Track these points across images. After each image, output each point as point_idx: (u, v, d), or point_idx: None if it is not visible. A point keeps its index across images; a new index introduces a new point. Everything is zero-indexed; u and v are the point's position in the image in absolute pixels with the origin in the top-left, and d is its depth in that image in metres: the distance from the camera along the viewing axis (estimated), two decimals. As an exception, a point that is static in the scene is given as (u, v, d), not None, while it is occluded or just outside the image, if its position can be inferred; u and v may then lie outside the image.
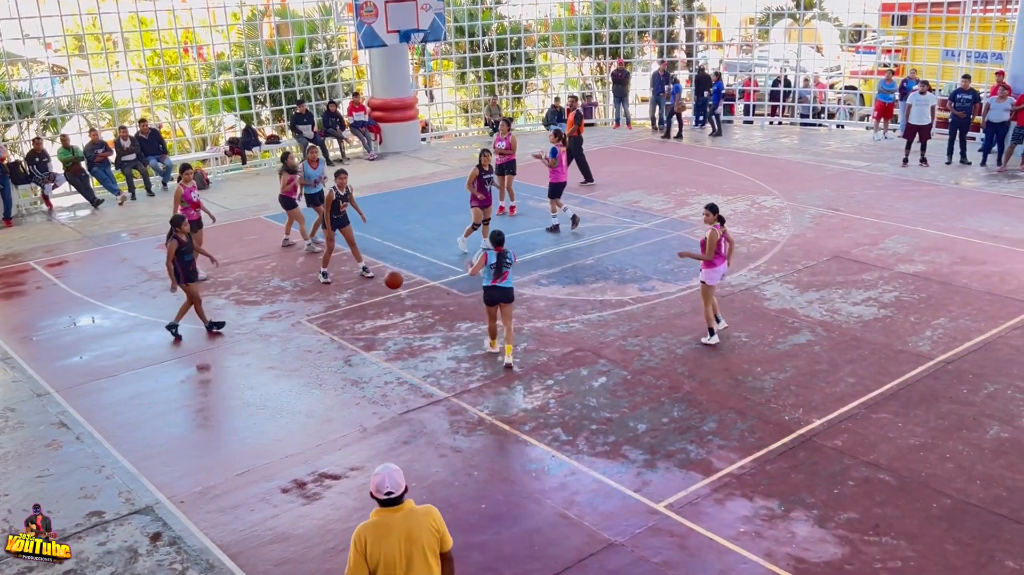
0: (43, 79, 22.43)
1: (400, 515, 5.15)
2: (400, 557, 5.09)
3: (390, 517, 5.15)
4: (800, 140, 22.65)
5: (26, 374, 10.83)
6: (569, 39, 26.11)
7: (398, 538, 5.10)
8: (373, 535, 5.12)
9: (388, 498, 5.15)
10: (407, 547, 5.10)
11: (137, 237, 16.33)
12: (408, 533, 5.13)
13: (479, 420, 9.40)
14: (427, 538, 5.18)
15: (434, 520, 5.26)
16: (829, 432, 8.95)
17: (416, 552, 5.13)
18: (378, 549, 5.08)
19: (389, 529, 5.11)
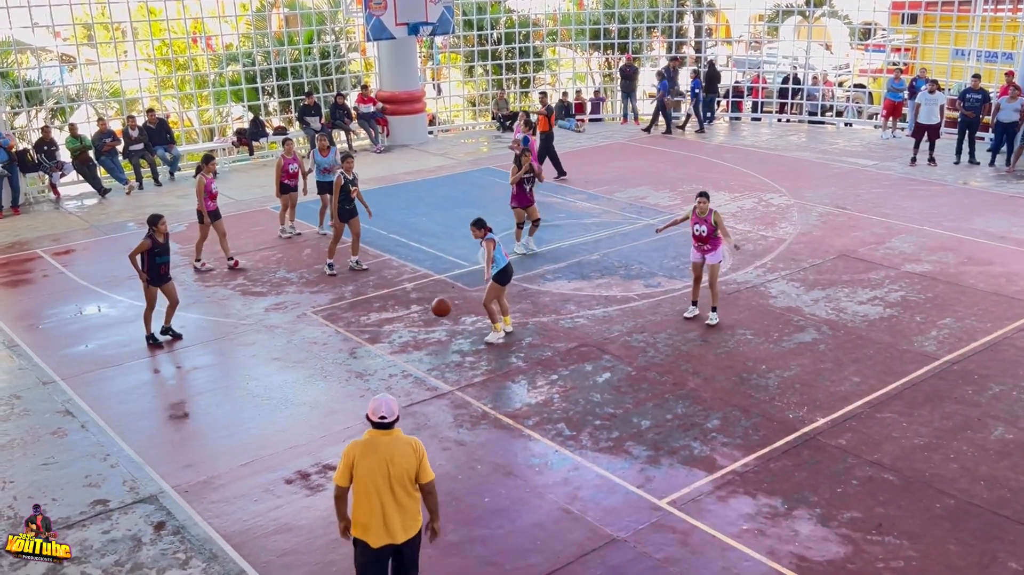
0: (52, 68, 22.45)
1: (388, 439, 5.91)
2: (380, 474, 5.83)
3: (379, 438, 5.91)
4: (808, 138, 22.60)
5: (32, 362, 10.86)
6: (577, 34, 26.06)
7: (381, 457, 5.84)
8: (361, 451, 5.88)
9: (381, 422, 5.89)
10: (388, 467, 5.84)
11: (144, 226, 16.30)
12: (392, 455, 5.86)
13: (483, 414, 9.41)
14: (408, 463, 5.89)
15: (416, 450, 5.96)
16: (833, 431, 8.94)
17: (395, 472, 5.85)
18: (363, 463, 5.84)
19: (376, 448, 5.87)
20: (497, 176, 19.03)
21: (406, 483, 5.90)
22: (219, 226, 13.89)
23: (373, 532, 5.96)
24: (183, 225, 16.28)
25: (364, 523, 5.98)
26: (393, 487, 5.87)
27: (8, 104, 19.34)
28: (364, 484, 5.88)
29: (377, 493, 5.87)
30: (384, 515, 5.91)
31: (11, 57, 19.88)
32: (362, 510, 5.95)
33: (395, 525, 5.95)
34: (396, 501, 5.91)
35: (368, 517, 5.94)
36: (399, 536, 5.98)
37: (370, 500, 5.89)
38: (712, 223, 11.17)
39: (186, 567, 7.17)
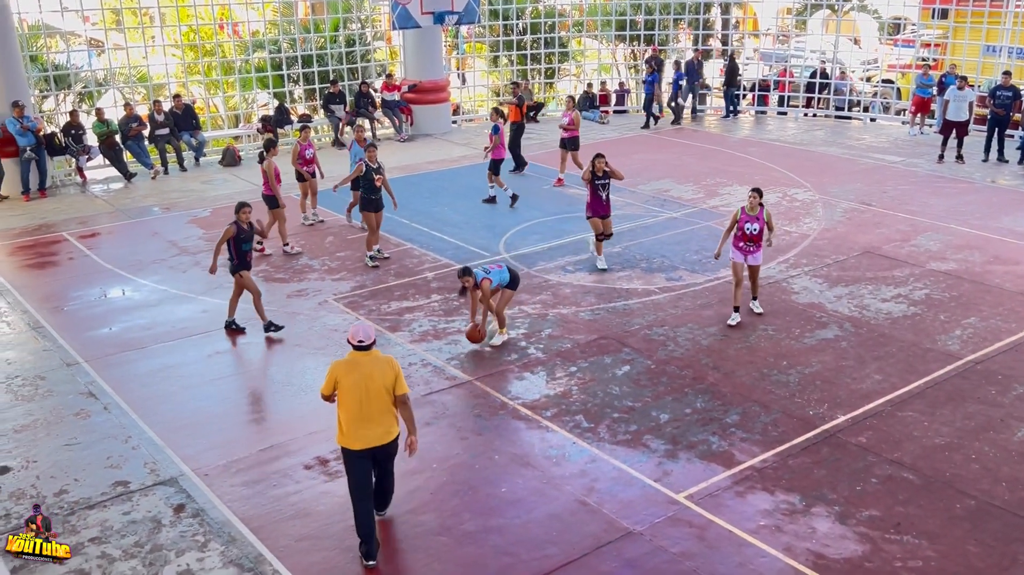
0: (80, 52, 22.62)
1: (367, 358, 6.90)
2: (360, 388, 6.80)
3: (359, 358, 6.90)
4: (834, 133, 22.40)
5: (57, 343, 10.98)
6: (603, 25, 25.95)
7: (361, 373, 6.82)
8: (344, 368, 6.88)
9: (360, 345, 6.88)
10: (367, 382, 6.81)
11: (168, 211, 16.47)
12: (370, 371, 6.84)
13: (501, 404, 9.42)
14: (385, 378, 6.86)
15: (392, 367, 6.97)
16: (854, 429, 8.89)
17: (373, 387, 6.82)
18: (345, 378, 6.83)
19: (357, 366, 6.86)
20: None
21: (383, 395, 6.87)
22: (281, 212, 13.96)
23: (357, 438, 6.88)
24: (207, 210, 16.37)
25: (349, 431, 6.89)
26: (372, 399, 6.82)
27: (37, 88, 19.51)
28: (348, 397, 6.82)
29: (359, 404, 6.80)
30: (365, 423, 6.84)
31: (40, 41, 20.05)
32: (347, 420, 6.86)
33: (374, 432, 6.89)
34: (375, 411, 6.86)
35: (352, 425, 6.85)
36: (378, 441, 6.92)
37: (353, 411, 6.82)
38: (765, 220, 11.07)
39: (204, 550, 7.24)
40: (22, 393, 9.80)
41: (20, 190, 17.33)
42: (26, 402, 9.60)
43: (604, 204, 12.88)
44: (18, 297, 12.42)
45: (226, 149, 20.10)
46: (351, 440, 6.91)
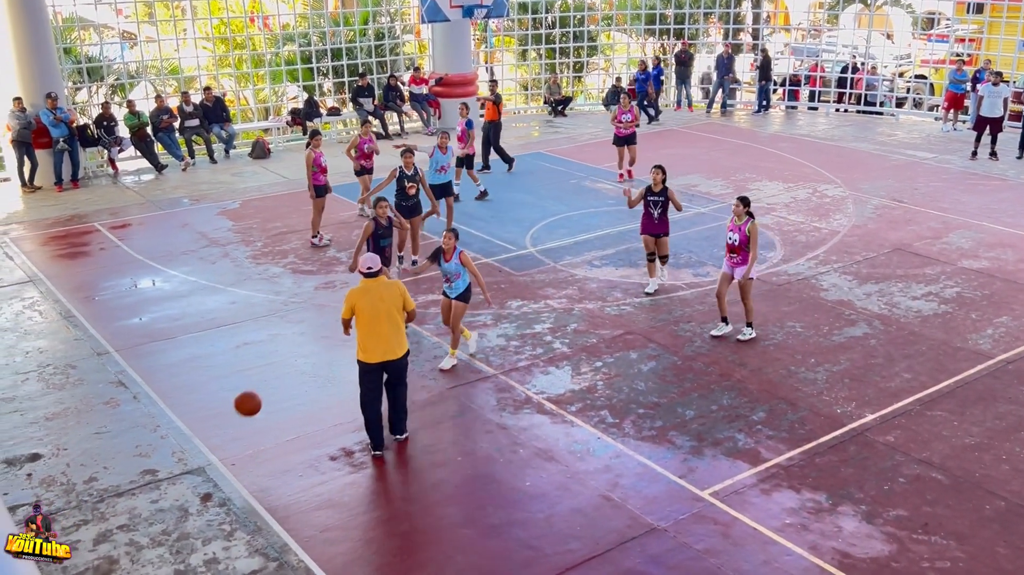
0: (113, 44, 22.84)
1: (376, 283, 8.18)
2: (374, 308, 8.08)
3: (370, 284, 8.18)
4: (866, 129, 22.16)
5: (87, 333, 11.11)
6: (633, 18, 25.82)
7: (374, 296, 8.11)
8: (359, 293, 8.16)
9: (369, 272, 8.18)
10: (379, 303, 8.09)
11: (198, 203, 16.60)
12: (381, 293, 8.13)
13: (526, 398, 9.42)
14: (394, 300, 8.18)
15: (399, 289, 8.26)
16: (882, 427, 8.80)
17: (383, 308, 8.10)
18: (360, 301, 8.11)
19: (369, 290, 8.15)
20: (548, 161, 19.00)
21: (393, 313, 8.13)
22: (320, 202, 13.93)
23: (373, 353, 8.14)
24: (237, 202, 16.49)
25: (366, 346, 8.16)
26: (383, 318, 8.09)
27: (70, 80, 19.73)
28: (365, 317, 8.09)
29: (374, 322, 8.08)
30: (379, 339, 8.12)
31: (74, 33, 20.26)
32: (364, 336, 8.15)
33: (387, 346, 8.15)
34: (387, 328, 8.11)
35: (369, 341, 8.13)
36: (391, 355, 8.18)
37: (370, 328, 8.10)
38: (746, 234, 10.34)
39: (231, 539, 7.30)
40: (53, 381, 9.93)
41: (53, 181, 17.54)
42: (57, 390, 9.73)
43: (656, 222, 11.82)
44: (50, 286, 12.58)
45: (256, 142, 20.23)
46: (368, 355, 8.16)
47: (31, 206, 16.65)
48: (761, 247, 13.59)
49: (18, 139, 17.07)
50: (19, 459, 8.43)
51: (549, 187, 16.49)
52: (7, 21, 16.89)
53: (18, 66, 17.16)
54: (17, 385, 9.84)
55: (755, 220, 10.51)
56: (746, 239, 10.36)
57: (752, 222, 10.40)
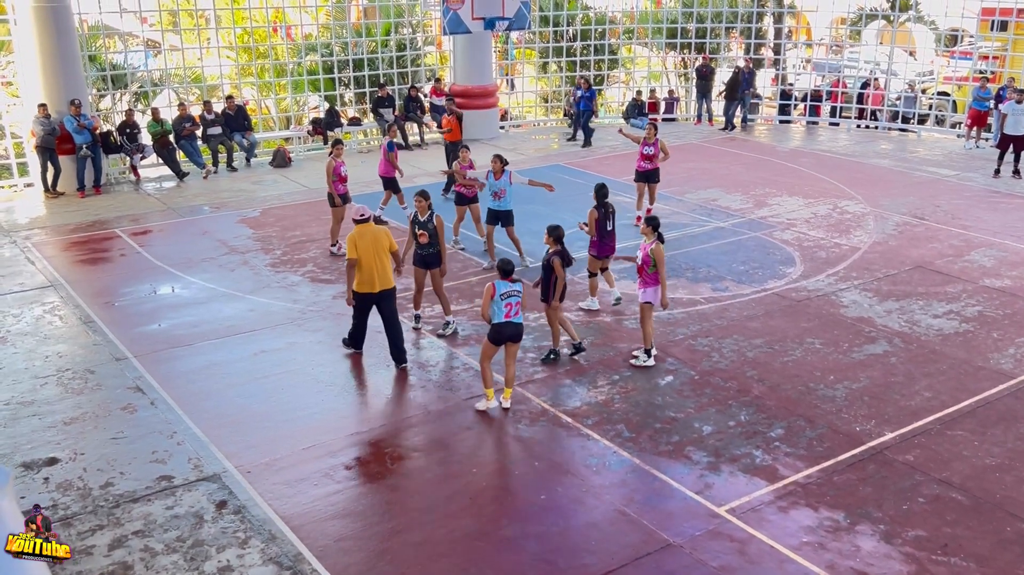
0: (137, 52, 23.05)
1: (370, 228, 9.94)
2: (372, 248, 9.86)
3: (365, 229, 9.91)
4: (887, 145, 22.05)
5: (107, 338, 11.17)
6: (654, 32, 25.84)
7: (370, 238, 9.86)
8: (358, 237, 9.83)
9: (362, 218, 9.93)
10: (375, 244, 9.87)
11: (219, 210, 16.69)
12: (375, 236, 9.91)
13: (542, 411, 9.39)
14: (384, 241, 9.98)
15: (387, 234, 10.09)
16: (901, 446, 8.71)
17: (379, 247, 9.92)
18: (361, 242, 9.82)
19: (365, 234, 9.87)
20: (567, 173, 18.99)
21: (384, 254, 9.97)
22: (339, 211, 13.95)
23: (373, 283, 9.94)
24: (257, 211, 16.57)
25: (369, 280, 9.92)
26: (378, 255, 9.88)
27: (94, 87, 19.90)
28: (366, 256, 9.83)
29: (372, 260, 9.84)
30: (376, 273, 9.91)
31: (99, 41, 20.45)
32: (367, 271, 9.89)
33: (384, 278, 10.00)
34: (381, 265, 9.93)
35: (368, 275, 9.89)
36: (387, 284, 10.05)
37: (369, 265, 9.85)
38: (649, 255, 10.00)
39: (245, 546, 7.30)
40: (72, 386, 9.98)
41: (76, 187, 17.68)
42: (75, 395, 9.78)
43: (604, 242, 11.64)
44: (71, 291, 12.66)
45: (277, 150, 20.33)
46: (370, 286, 9.95)
47: (53, 211, 16.79)
48: (781, 262, 13.56)
49: (42, 145, 17.22)
50: (36, 463, 8.47)
51: (568, 199, 16.46)
52: (34, 29, 17.09)
53: (43, 73, 17.34)
54: (36, 389, 9.90)
55: (662, 244, 10.11)
56: (648, 260, 10.07)
57: (657, 245, 10.04)
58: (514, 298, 9.08)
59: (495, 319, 9.09)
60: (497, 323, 9.08)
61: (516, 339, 9.22)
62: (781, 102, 24.75)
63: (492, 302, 9.05)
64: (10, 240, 15.03)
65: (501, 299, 9.02)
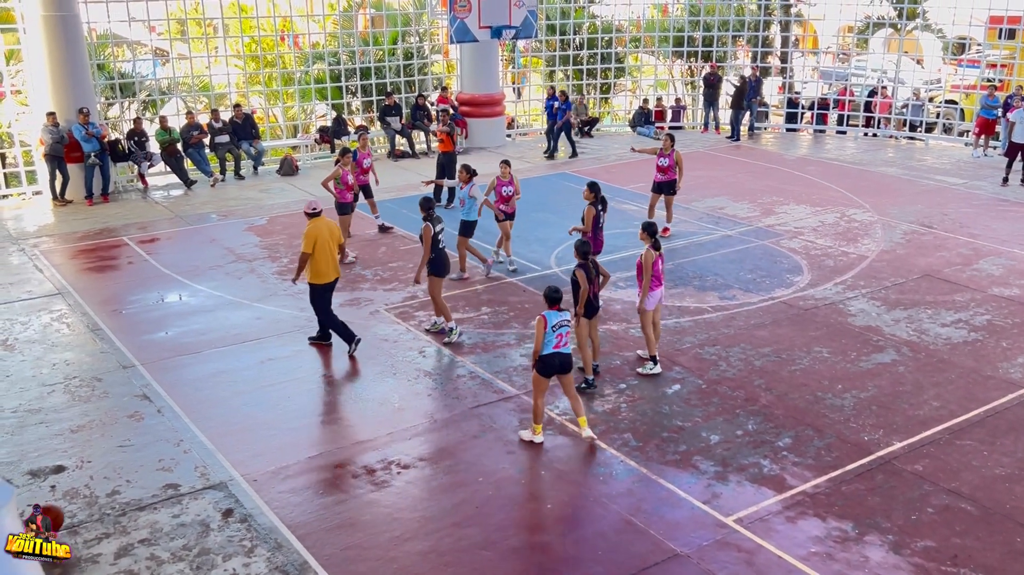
0: (145, 61, 23.13)
1: (323, 220, 10.64)
2: (328, 240, 10.56)
3: (319, 221, 10.57)
4: (895, 153, 22.01)
5: (114, 346, 11.18)
6: (661, 40, 25.86)
7: (325, 230, 10.54)
8: (316, 229, 10.44)
9: (315, 212, 10.63)
10: (330, 236, 10.60)
11: (226, 218, 16.72)
12: (330, 229, 10.66)
13: (549, 419, 9.36)
14: (336, 232, 10.79)
15: (336, 227, 10.90)
16: (910, 456, 8.66)
17: (333, 239, 10.67)
18: (319, 235, 10.44)
19: (320, 226, 10.53)
20: (573, 181, 18.99)
21: (335, 244, 10.72)
22: (347, 220, 14.03)
23: (329, 274, 10.65)
24: (264, 219, 16.60)
25: (325, 271, 10.59)
26: (332, 247, 10.61)
27: (103, 95, 19.98)
28: (323, 247, 10.47)
29: (327, 251, 10.53)
30: (332, 263, 10.66)
31: (108, 50, 20.55)
32: (323, 263, 10.53)
33: (336, 267, 10.77)
34: (334, 255, 10.67)
35: (327, 266, 10.58)
36: (337, 273, 10.80)
37: (325, 256, 10.51)
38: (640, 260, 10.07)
39: (251, 555, 7.29)
40: (79, 394, 9.99)
41: (84, 194, 17.74)
42: (83, 403, 9.79)
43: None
44: (78, 299, 12.69)
45: (284, 159, 20.39)
46: (326, 276, 10.64)
47: (62, 219, 16.85)
48: (788, 271, 13.52)
49: (51, 153, 17.31)
50: (43, 471, 8.47)
51: (575, 207, 16.41)
52: (43, 38, 17.18)
53: (52, 82, 17.44)
54: (43, 397, 9.91)
55: (652, 250, 10.08)
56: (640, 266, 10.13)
57: (648, 250, 10.06)
58: (564, 328, 8.66)
59: (544, 351, 8.61)
60: (545, 355, 8.60)
61: (566, 370, 8.74)
62: (788, 110, 24.73)
63: (545, 334, 8.59)
64: (18, 248, 15.08)
65: (552, 330, 8.57)
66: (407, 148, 21.61)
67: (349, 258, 14.08)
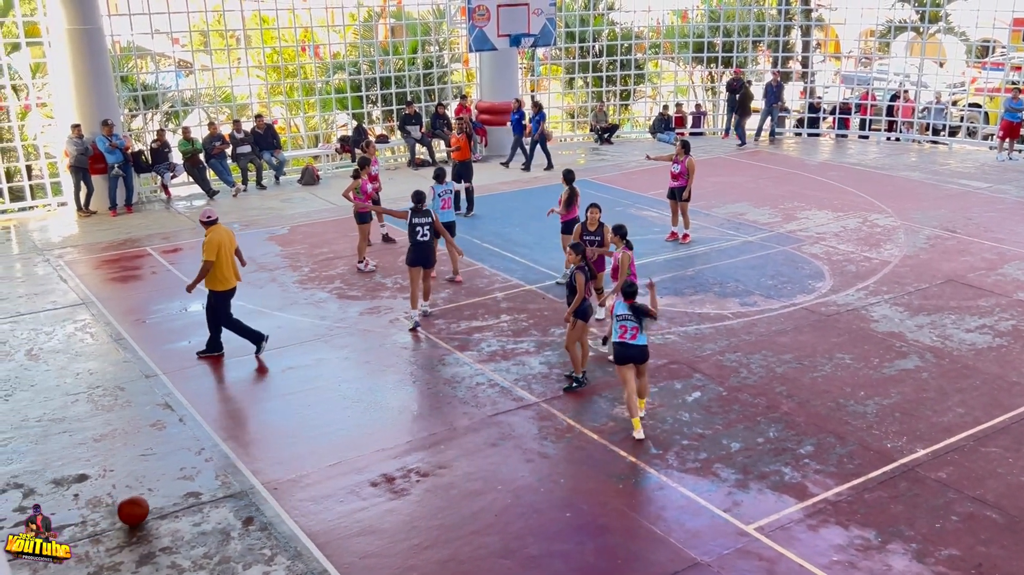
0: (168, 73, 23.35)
1: (221, 228, 10.85)
2: (228, 247, 10.78)
3: (219, 228, 10.80)
4: (918, 157, 21.83)
5: (137, 355, 11.27)
6: (681, 47, 25.80)
7: (225, 238, 10.79)
8: (217, 237, 10.66)
9: (213, 220, 10.76)
10: (230, 244, 10.86)
11: (248, 228, 16.82)
12: (229, 236, 10.91)
13: (568, 427, 9.34)
14: (234, 241, 11.00)
15: (233, 233, 11.08)
16: (934, 463, 8.57)
17: (232, 245, 10.92)
18: (221, 243, 10.67)
19: (220, 234, 10.74)
20: (594, 188, 18.96)
21: (233, 251, 10.93)
22: (366, 229, 14.10)
23: (230, 280, 10.88)
24: (285, 228, 16.69)
25: (227, 277, 10.83)
26: (231, 255, 10.87)
27: (126, 107, 20.19)
28: (225, 254, 10.72)
29: (229, 257, 10.79)
30: (233, 269, 10.90)
31: (131, 62, 20.77)
32: (225, 269, 10.77)
33: (236, 275, 11.01)
34: (233, 262, 10.90)
35: (227, 271, 10.79)
36: (238, 278, 11.03)
37: (227, 262, 10.78)
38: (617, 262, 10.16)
39: (271, 563, 7.31)
40: (102, 403, 10.08)
41: (107, 205, 17.92)
42: (106, 412, 9.87)
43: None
44: (102, 309, 12.81)
45: (305, 168, 20.50)
46: (229, 283, 10.88)
47: (86, 230, 17.03)
48: (810, 276, 13.44)
49: (75, 165, 17.51)
50: (67, 479, 8.55)
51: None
52: (68, 50, 17.40)
53: (76, 94, 17.65)
54: (67, 406, 10.01)
55: (631, 251, 10.37)
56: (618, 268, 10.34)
57: (624, 252, 10.29)
58: (628, 322, 8.93)
59: (612, 337, 9.22)
60: (616, 342, 9.12)
61: (640, 361, 9.09)
62: (810, 115, 24.60)
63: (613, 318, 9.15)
64: (43, 259, 15.25)
65: (616, 320, 9.02)
66: (427, 156, 21.67)
67: (370, 267, 14.13)
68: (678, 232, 15.32)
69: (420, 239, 11.77)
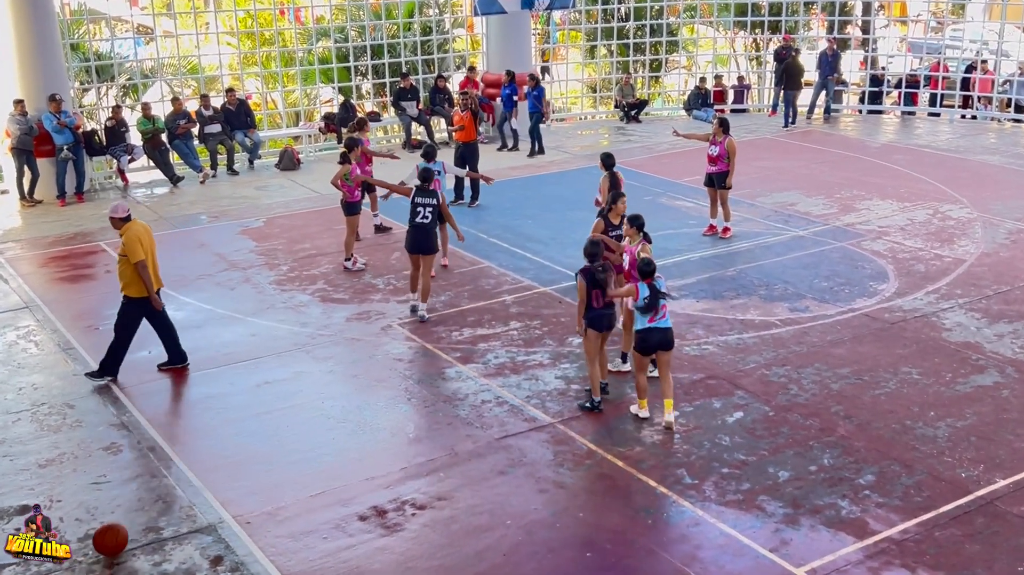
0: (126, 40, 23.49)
1: (138, 223, 10.83)
2: (149, 245, 10.75)
3: (136, 224, 10.74)
4: (997, 139, 21.80)
5: (88, 367, 11.30)
6: (720, 9, 25.79)
7: (146, 236, 10.76)
8: (135, 233, 10.57)
9: (127, 216, 10.66)
10: (150, 240, 10.83)
11: (217, 220, 16.90)
12: (148, 233, 10.86)
13: (588, 452, 9.35)
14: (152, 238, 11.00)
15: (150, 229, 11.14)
16: (1015, 496, 8.55)
17: (153, 245, 10.88)
18: (142, 238, 10.61)
19: (139, 231, 10.67)
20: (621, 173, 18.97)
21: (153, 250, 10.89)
22: (355, 221, 14.18)
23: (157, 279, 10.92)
24: (261, 220, 16.75)
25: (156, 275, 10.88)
26: (154, 252, 10.87)
27: (77, 80, 20.30)
28: (151, 252, 10.76)
29: (153, 256, 10.82)
30: (155, 270, 10.84)
31: (83, 28, 20.88)
32: (152, 269, 10.77)
33: (158, 278, 10.92)
34: (155, 261, 10.87)
35: (154, 270, 10.84)
36: (161, 284, 11.03)
37: (153, 260, 10.80)
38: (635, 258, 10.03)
39: (243, 610, 7.34)
40: (48, 423, 10.13)
41: (55, 193, 18.00)
42: (52, 433, 9.92)
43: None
44: (48, 314, 12.88)
45: (284, 151, 20.55)
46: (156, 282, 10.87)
47: (30, 222, 17.13)
48: (871, 277, 13.43)
49: (18, 146, 17.55)
50: (7, 511, 8.58)
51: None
52: (9, 15, 17.46)
53: (20, 65, 17.72)
54: (7, 426, 10.06)
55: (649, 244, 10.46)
56: (635, 263, 10.02)
57: (644, 246, 10.31)
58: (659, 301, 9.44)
59: (637, 325, 9.50)
60: (640, 329, 9.46)
61: (667, 347, 9.56)
62: (871, 89, 24.55)
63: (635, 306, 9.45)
64: (-19, 255, 15.35)
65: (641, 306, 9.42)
66: (425, 136, 21.71)
67: (359, 265, 14.17)
68: (717, 225, 15.31)
69: (420, 220, 12.14)
